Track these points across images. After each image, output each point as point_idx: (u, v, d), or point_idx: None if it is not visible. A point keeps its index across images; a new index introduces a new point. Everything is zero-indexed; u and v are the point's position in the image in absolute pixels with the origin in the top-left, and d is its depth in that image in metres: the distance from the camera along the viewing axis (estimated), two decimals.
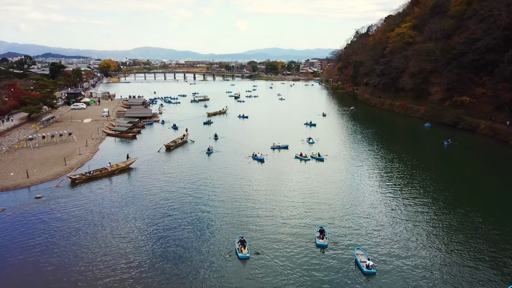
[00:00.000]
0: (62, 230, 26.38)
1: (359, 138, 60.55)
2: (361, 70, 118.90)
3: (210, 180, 37.65)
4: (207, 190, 34.57)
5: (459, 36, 74.82)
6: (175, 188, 35.19)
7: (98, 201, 31.91)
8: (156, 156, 47.84)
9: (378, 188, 35.65)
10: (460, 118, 67.16)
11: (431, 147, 55.77)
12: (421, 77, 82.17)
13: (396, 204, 31.56)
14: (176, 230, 26.43)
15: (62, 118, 72.61)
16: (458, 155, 49.64)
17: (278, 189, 35.18)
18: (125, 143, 55.62)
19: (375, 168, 42.74)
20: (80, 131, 60.55)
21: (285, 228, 26.68)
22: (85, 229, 26.49)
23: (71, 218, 28.33)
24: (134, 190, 34.73)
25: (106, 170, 39.85)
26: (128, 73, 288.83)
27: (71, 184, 36.10)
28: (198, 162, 44.87)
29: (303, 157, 46.14)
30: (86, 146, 50.54)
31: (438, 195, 33.99)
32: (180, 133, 60.84)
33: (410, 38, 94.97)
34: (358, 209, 30.27)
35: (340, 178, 38.81)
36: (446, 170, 43.10)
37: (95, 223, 27.43)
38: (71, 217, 28.42)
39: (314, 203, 31.53)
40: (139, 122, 68.68)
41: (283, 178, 38.69)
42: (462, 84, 69.20)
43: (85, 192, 34.33)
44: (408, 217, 28.89)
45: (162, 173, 40.30)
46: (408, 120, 79.74)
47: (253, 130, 67.77)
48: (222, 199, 32.40)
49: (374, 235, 25.76)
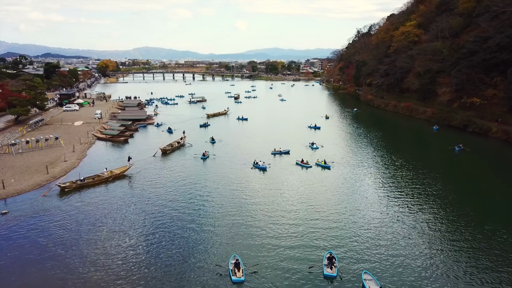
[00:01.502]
0: (24, 258, 23.04)
1: (364, 142, 57.10)
2: (364, 70, 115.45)
3: (203, 190, 34.30)
4: (200, 204, 31.21)
5: (468, 35, 71.57)
6: (164, 201, 31.82)
7: (78, 216, 28.54)
8: (150, 161, 44.83)
9: (388, 201, 32.29)
10: (470, 121, 63.75)
11: (441, 153, 52.23)
12: (428, 77, 78.82)
13: (410, 220, 28.19)
14: (167, 249, 23.46)
15: (52, 121, 69.23)
16: (472, 162, 46.26)
17: (279, 202, 31.81)
18: (116, 148, 52.26)
19: (383, 178, 39.37)
20: (69, 135, 57.19)
21: (286, 251, 23.33)
22: (52, 259, 23.14)
23: (39, 239, 24.94)
24: (115, 203, 31.41)
25: (99, 177, 37.02)
26: (127, 73, 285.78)
27: (60, 193, 33.27)
28: (192, 169, 41.52)
29: (304, 164, 42.80)
30: (73, 152, 47.19)
31: (454, 210, 30.60)
32: (175, 137, 57.60)
33: (416, 37, 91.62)
34: (368, 227, 26.92)
35: (346, 190, 35.38)
36: (461, 180, 39.69)
37: (66, 248, 24.07)
38: (38, 239, 25.01)
39: (320, 219, 28.17)
40: (132, 125, 65.25)
41: (285, 189, 35.31)
42: (471, 85, 65.88)
43: (70, 204, 31.21)
44: (423, 237, 25.53)
45: (153, 181, 37.03)
46: (414, 122, 76.33)
47: (253, 133, 64.38)
48: (215, 215, 29.03)
49: (384, 257, 22.48)
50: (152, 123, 71.29)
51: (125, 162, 42.04)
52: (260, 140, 58.04)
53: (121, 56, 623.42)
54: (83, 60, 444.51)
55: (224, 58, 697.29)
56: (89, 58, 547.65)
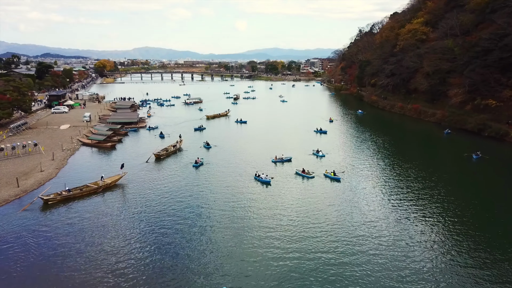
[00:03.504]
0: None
1: (372, 149, 52.45)
2: (368, 70, 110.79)
3: (193, 207, 29.88)
4: (187, 223, 26.79)
5: (481, 32, 67.02)
6: (154, 218, 27.50)
7: (63, 234, 24.27)
8: (142, 168, 41.43)
9: (405, 223, 27.86)
10: (485, 124, 59.24)
11: (457, 161, 47.02)
12: (437, 77, 74.22)
13: (433, 250, 23.78)
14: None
15: (37, 124, 64.66)
16: (493, 173, 41.72)
17: (280, 225, 27.34)
18: (102, 155, 47.80)
19: (397, 193, 34.88)
20: (53, 140, 52.70)
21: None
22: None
23: (15, 265, 20.59)
24: (104, 219, 27.27)
25: (88, 187, 33.50)
26: (125, 73, 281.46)
27: (43, 207, 29.68)
28: (182, 180, 37.14)
29: (306, 174, 38.32)
30: (52, 160, 42.71)
31: (484, 233, 26.15)
32: (167, 142, 53.27)
33: (423, 35, 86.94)
34: (387, 259, 22.50)
35: (357, 209, 30.84)
36: (484, 194, 35.10)
37: (48, 272, 19.64)
38: (15, 265, 20.67)
39: (329, 252, 23.74)
40: (121, 129, 60.66)
41: (287, 206, 30.76)
42: (486, 86, 61.37)
43: (54, 219, 27.74)
44: (450, 273, 21.13)
45: (143, 193, 33.31)
46: (423, 126, 71.72)
47: (252, 137, 59.79)
48: (205, 239, 24.60)
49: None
50: (144, 126, 66.74)
51: (111, 171, 38.12)
52: (259, 145, 53.58)
53: (121, 56, 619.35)
54: (82, 60, 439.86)
55: (224, 58, 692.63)
56: (88, 58, 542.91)
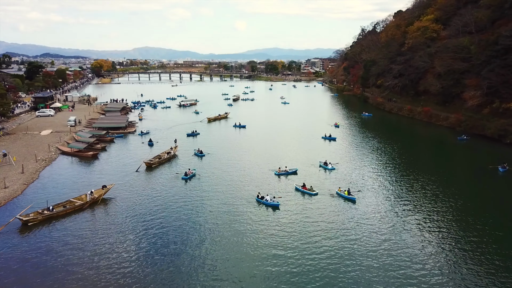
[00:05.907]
0: None
1: (385, 160, 46.71)
2: (373, 70, 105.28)
3: (176, 234, 24.56)
4: (170, 253, 21.47)
5: (499, 29, 61.64)
6: (141, 241, 22.12)
7: (45, 260, 18.90)
8: (129, 179, 36.77)
9: (432, 256, 22.57)
10: (507, 130, 53.82)
11: (481, 175, 40.51)
12: (451, 78, 68.86)
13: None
14: None
15: (16, 130, 59.25)
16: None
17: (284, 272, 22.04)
18: (82, 166, 42.44)
19: (419, 215, 29.58)
20: (28, 148, 47.37)
21: None
22: None
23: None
24: (91, 239, 22.01)
25: (72, 203, 29.53)
26: (122, 74, 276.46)
27: (21, 229, 25.62)
28: (167, 196, 31.89)
29: (307, 190, 33.08)
30: (21, 173, 37.37)
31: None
32: (161, 148, 48.39)
33: (434, 33, 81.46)
34: None
35: (378, 241, 25.59)
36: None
37: None
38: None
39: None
40: (106, 135, 55.19)
41: (296, 237, 25.46)
42: (507, 88, 56.05)
43: (34, 243, 23.89)
44: None
45: (129, 209, 28.37)
46: (434, 130, 66.29)
47: (251, 145, 54.19)
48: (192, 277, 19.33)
49: None
50: (133, 131, 61.31)
51: (89, 186, 33.52)
52: (260, 153, 48.13)
53: (120, 56, 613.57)
54: (81, 60, 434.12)
55: (224, 58, 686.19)
56: (88, 58, 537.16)
